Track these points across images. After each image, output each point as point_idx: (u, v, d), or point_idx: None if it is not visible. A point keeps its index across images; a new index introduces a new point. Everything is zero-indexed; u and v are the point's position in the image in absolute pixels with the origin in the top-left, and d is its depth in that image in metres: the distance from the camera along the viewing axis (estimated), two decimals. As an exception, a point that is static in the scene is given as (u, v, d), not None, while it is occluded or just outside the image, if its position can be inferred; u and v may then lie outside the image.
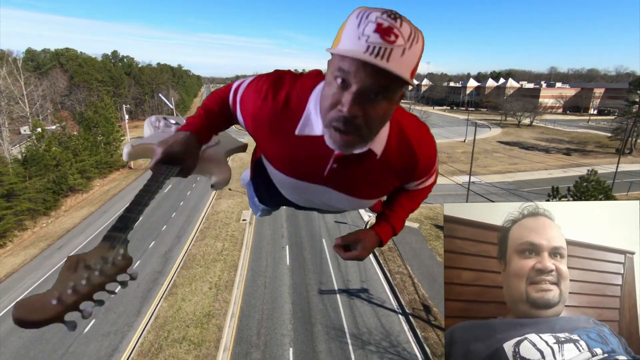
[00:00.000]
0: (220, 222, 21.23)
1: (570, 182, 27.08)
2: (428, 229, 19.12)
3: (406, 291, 13.87)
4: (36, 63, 63.38)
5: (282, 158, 0.92)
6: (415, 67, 0.68)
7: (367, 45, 0.62)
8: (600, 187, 14.75)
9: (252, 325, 12.30)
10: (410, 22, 0.66)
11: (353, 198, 0.96)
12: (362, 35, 0.63)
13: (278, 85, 0.86)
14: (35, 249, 18.91)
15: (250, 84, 0.93)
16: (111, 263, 0.55)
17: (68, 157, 27.12)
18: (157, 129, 1.27)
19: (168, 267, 16.15)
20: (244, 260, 16.72)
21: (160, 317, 12.75)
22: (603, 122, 61.55)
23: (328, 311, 12.94)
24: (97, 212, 24.14)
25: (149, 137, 1.18)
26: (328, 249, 17.55)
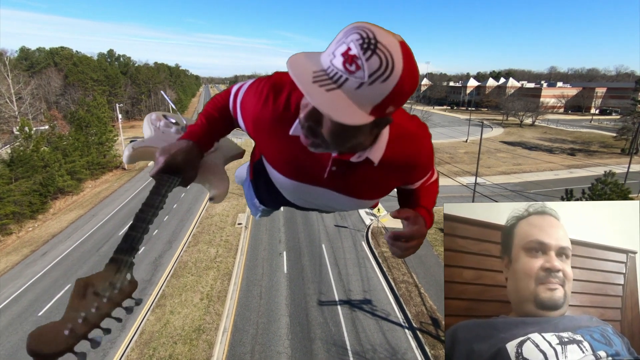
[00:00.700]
0: (214, 226, 20.22)
1: (578, 183, 26.39)
2: (433, 234, 18.14)
3: (412, 302, 12.88)
4: (30, 62, 62.35)
5: (282, 160, 0.92)
6: (381, 104, 0.62)
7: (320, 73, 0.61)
8: (619, 190, 13.80)
9: (246, 341, 11.30)
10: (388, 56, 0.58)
11: (354, 199, 0.96)
12: (331, 54, 0.61)
13: (278, 87, 0.85)
14: (17, 256, 17.85)
15: (250, 87, 0.92)
16: (118, 289, 0.57)
17: (57, 158, 26.04)
18: (157, 129, 1.20)
19: (157, 276, 15.12)
20: (238, 268, 15.71)
21: (146, 332, 11.73)
22: (606, 121, 60.87)
23: (328, 325, 11.95)
24: (87, 215, 23.08)
25: (150, 138, 1.14)
26: (328, 255, 16.58)
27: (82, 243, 18.72)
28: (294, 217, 20.56)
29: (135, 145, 1.03)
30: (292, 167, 0.91)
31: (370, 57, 0.57)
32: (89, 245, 18.37)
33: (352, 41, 0.59)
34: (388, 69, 0.58)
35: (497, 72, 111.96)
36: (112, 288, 0.56)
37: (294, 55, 0.64)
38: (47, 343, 0.47)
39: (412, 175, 0.95)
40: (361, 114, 0.61)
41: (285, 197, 1.12)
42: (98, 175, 31.66)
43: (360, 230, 19.17)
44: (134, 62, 75.60)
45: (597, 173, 28.68)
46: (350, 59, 0.58)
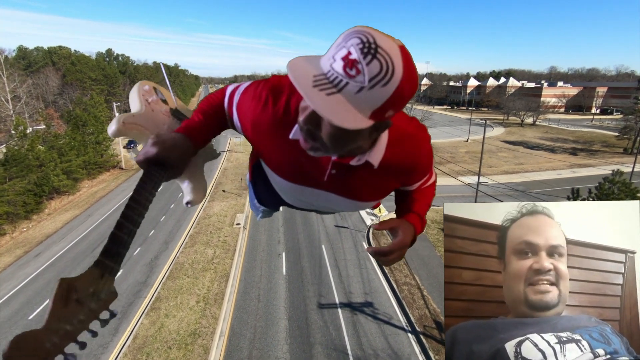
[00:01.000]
0: (212, 226, 19.82)
1: (582, 183, 26.01)
2: (435, 234, 17.77)
3: (415, 305, 12.49)
4: (27, 61, 61.90)
5: (282, 164, 0.92)
6: (380, 108, 0.62)
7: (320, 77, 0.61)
8: (627, 189, 13.41)
9: (243, 346, 10.90)
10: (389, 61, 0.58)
11: (354, 201, 0.96)
12: (332, 57, 0.61)
13: (277, 91, 0.85)
14: (10, 257, 17.44)
15: (247, 90, 0.91)
16: (98, 298, 0.55)
17: (52, 157, 25.63)
18: (148, 104, 1.12)
19: (153, 278, 14.72)
20: (236, 270, 15.31)
21: (139, 336, 11.32)
22: (607, 121, 60.54)
23: (329, 329, 11.56)
24: (82, 215, 22.69)
25: (140, 115, 1.05)
26: (328, 256, 16.19)
27: (76, 244, 18.33)
28: (293, 217, 20.16)
29: (125, 119, 0.97)
30: (292, 170, 0.91)
31: (370, 62, 0.58)
32: (84, 246, 17.98)
33: (352, 45, 0.59)
34: (388, 74, 0.58)
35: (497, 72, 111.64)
36: (96, 298, 0.54)
37: (293, 59, 0.64)
38: (27, 354, 0.44)
39: (411, 177, 0.95)
40: (361, 118, 0.61)
41: (284, 199, 1.13)
42: (95, 174, 31.25)
43: (361, 230, 18.77)
44: (132, 62, 75.29)
45: (600, 173, 28.36)
46: (351, 63, 0.58)
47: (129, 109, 1.15)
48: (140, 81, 1.21)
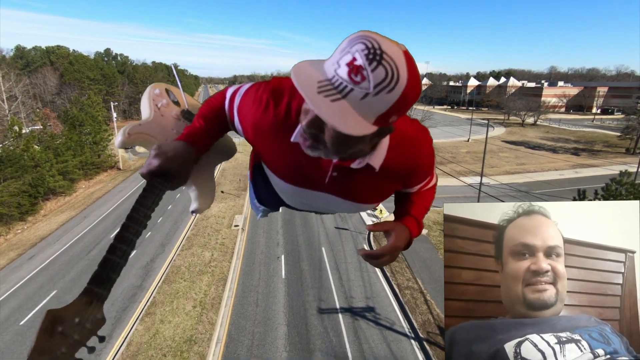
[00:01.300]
0: (210, 228, 19.44)
1: (584, 183, 25.62)
2: (437, 236, 17.42)
3: (418, 310, 12.13)
4: (25, 61, 61.49)
5: (283, 166, 0.92)
6: (385, 114, 0.62)
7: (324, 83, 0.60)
8: (636, 191, 13.06)
9: (241, 353, 10.53)
10: (394, 67, 0.58)
11: (354, 203, 0.96)
12: (336, 63, 0.61)
13: (278, 94, 0.84)
14: (3, 259, 17.05)
15: (248, 93, 0.90)
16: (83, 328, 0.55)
17: (48, 157, 25.23)
18: (157, 110, 1.13)
19: (148, 281, 14.34)
20: (234, 273, 14.94)
21: (133, 343, 10.95)
22: (608, 121, 60.24)
23: (329, 335, 11.19)
24: (78, 216, 22.29)
25: (147, 123, 1.06)
26: (328, 259, 15.82)
27: (71, 246, 17.94)
28: (293, 219, 19.79)
29: (131, 130, 0.99)
30: (292, 173, 0.91)
31: (376, 68, 0.57)
32: (79, 249, 17.59)
33: (357, 51, 0.58)
34: (393, 80, 0.58)
35: (497, 72, 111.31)
36: (81, 327, 0.54)
37: (298, 64, 0.64)
38: None
39: (412, 179, 0.95)
40: (365, 124, 0.61)
41: (284, 200, 1.14)
42: (92, 175, 30.85)
43: (362, 232, 18.40)
44: (131, 62, 74.87)
45: (603, 173, 28.04)
46: (356, 69, 0.58)
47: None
48: (152, 84, 1.19)
